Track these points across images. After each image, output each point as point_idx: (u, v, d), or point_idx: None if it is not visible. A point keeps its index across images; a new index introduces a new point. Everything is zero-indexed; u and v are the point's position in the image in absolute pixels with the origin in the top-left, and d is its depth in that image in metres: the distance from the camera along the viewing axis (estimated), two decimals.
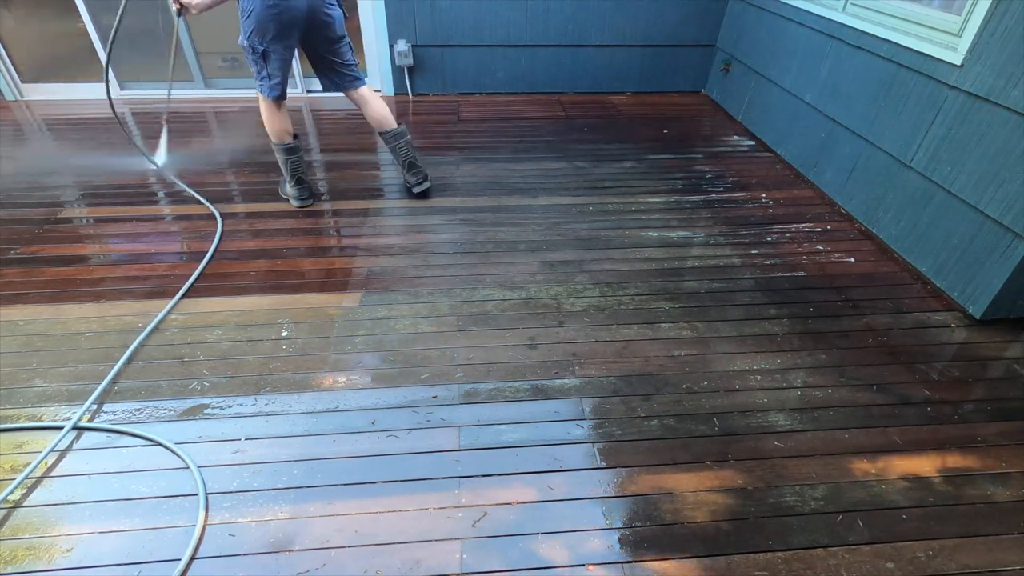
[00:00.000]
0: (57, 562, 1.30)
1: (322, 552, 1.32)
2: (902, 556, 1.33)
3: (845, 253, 2.49)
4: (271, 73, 2.39)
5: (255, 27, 2.26)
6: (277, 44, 2.32)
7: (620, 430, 1.64)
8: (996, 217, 1.96)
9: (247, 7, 2.22)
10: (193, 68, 4.12)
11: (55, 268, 2.29)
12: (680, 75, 4.45)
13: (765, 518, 1.41)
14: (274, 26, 2.26)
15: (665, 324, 2.05)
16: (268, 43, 2.30)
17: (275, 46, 2.32)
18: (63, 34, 3.95)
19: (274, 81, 2.42)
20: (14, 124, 3.69)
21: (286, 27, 2.29)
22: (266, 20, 2.24)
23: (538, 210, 2.80)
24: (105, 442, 1.58)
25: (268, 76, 2.40)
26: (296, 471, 1.51)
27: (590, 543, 1.35)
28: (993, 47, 1.97)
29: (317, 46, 2.48)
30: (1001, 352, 1.95)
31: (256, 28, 2.26)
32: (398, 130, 2.72)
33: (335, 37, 2.47)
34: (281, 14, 2.24)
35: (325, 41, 2.46)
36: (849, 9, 2.75)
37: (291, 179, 2.71)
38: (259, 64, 2.37)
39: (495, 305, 2.13)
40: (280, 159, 2.67)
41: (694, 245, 2.54)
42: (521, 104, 4.24)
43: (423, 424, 1.65)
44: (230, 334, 1.96)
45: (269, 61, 2.35)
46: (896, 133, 2.44)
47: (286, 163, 2.67)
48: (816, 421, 1.68)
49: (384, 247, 2.48)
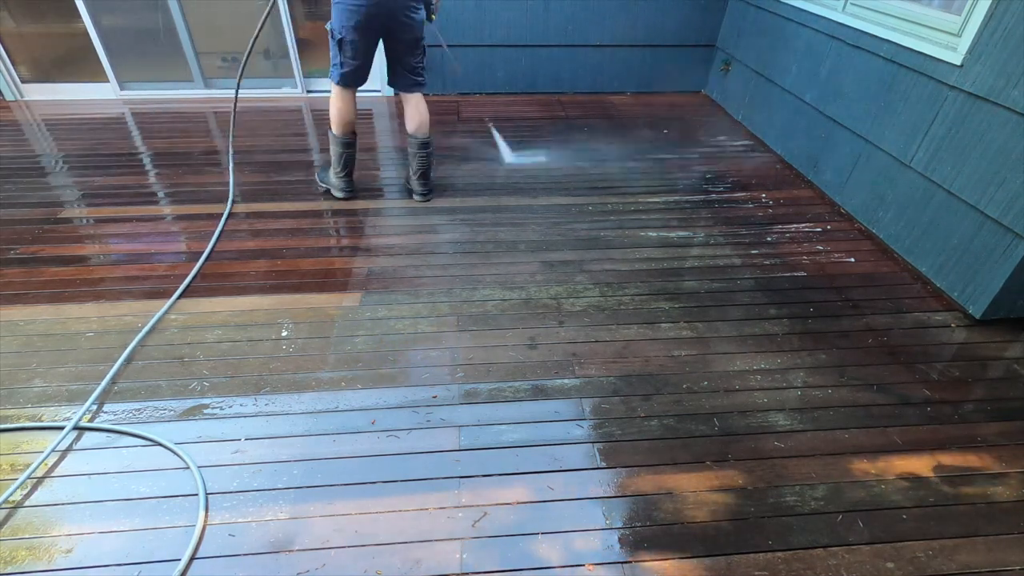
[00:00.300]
0: (57, 562, 1.30)
1: (322, 552, 1.32)
2: (902, 556, 1.33)
3: (845, 253, 2.49)
4: (344, 61, 2.49)
5: (339, 15, 2.38)
6: (356, 36, 2.42)
7: (620, 430, 1.64)
8: (996, 217, 1.96)
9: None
10: (193, 68, 4.12)
11: (55, 268, 2.29)
12: (680, 75, 4.45)
13: (765, 518, 1.41)
14: (356, 19, 2.37)
15: (665, 324, 2.05)
16: (348, 33, 2.41)
17: (354, 37, 2.42)
18: (63, 34, 3.95)
19: (345, 69, 2.51)
20: (14, 124, 3.69)
21: (367, 22, 2.39)
22: (350, 12, 2.35)
23: (538, 210, 2.80)
24: (105, 442, 1.58)
25: (340, 63, 2.50)
26: (296, 471, 1.51)
27: (590, 543, 1.35)
28: (993, 47, 1.97)
29: (396, 45, 2.56)
30: (1001, 352, 1.95)
31: (340, 16, 2.38)
32: (430, 139, 2.77)
33: (413, 39, 2.54)
34: (363, 8, 2.34)
35: (403, 42, 2.54)
36: (849, 9, 2.75)
37: (342, 171, 2.79)
38: (335, 49, 2.48)
39: (495, 305, 2.13)
40: (335, 150, 2.73)
41: (694, 245, 2.54)
42: (521, 104, 4.24)
43: (423, 424, 1.65)
44: (230, 334, 1.96)
45: (344, 49, 2.46)
46: (896, 133, 2.44)
47: (340, 156, 2.74)
48: (816, 421, 1.68)
49: (384, 247, 2.48)
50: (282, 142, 3.50)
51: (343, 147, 2.73)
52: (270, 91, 4.27)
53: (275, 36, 4.05)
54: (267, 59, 4.20)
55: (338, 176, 2.81)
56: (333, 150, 2.75)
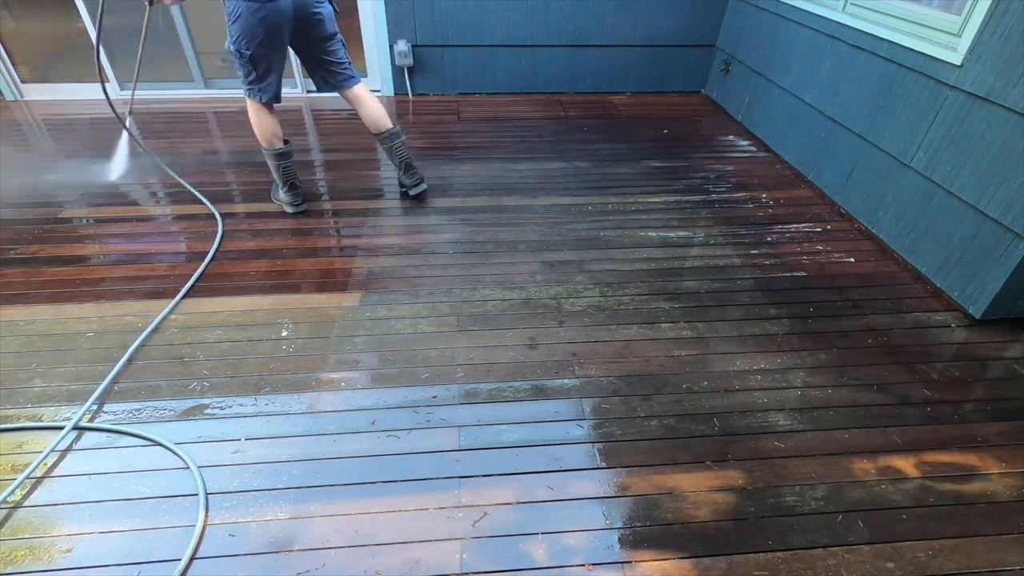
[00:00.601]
0: (57, 562, 1.30)
1: (322, 552, 1.32)
2: (902, 556, 1.34)
3: (845, 253, 2.49)
4: (261, 76, 2.32)
5: (242, 31, 2.18)
6: (266, 47, 2.25)
7: (620, 430, 1.64)
8: (996, 217, 1.96)
9: (233, 11, 2.15)
10: (193, 68, 4.12)
11: (55, 268, 2.29)
12: (680, 75, 4.45)
13: (765, 518, 1.41)
14: (262, 29, 2.18)
15: (665, 324, 2.05)
16: (256, 47, 2.22)
17: (264, 50, 2.25)
18: (63, 34, 3.95)
19: (265, 83, 2.35)
20: (14, 124, 3.69)
21: (274, 29, 2.21)
22: (253, 23, 2.16)
23: (538, 210, 2.80)
24: (105, 442, 1.58)
25: (258, 79, 2.33)
26: (296, 471, 1.51)
27: (590, 543, 1.35)
28: (993, 47, 1.97)
29: (308, 45, 2.41)
30: (1001, 352, 1.95)
31: (243, 32, 2.18)
32: (394, 130, 2.66)
33: (326, 35, 2.40)
34: (267, 16, 2.16)
35: (316, 40, 2.39)
36: (849, 9, 2.75)
37: (284, 185, 2.63)
38: (247, 68, 2.29)
39: (495, 305, 2.13)
40: (271, 164, 2.58)
41: (694, 245, 2.54)
42: (521, 104, 4.24)
43: (423, 424, 1.65)
44: (230, 334, 1.96)
45: (258, 65, 2.28)
46: (896, 133, 2.44)
47: (278, 168, 2.58)
48: (816, 421, 1.68)
49: (384, 247, 2.48)
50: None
51: (279, 158, 2.55)
52: None
53: None
54: None
55: (284, 191, 2.64)
56: (270, 165, 2.58)
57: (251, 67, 2.29)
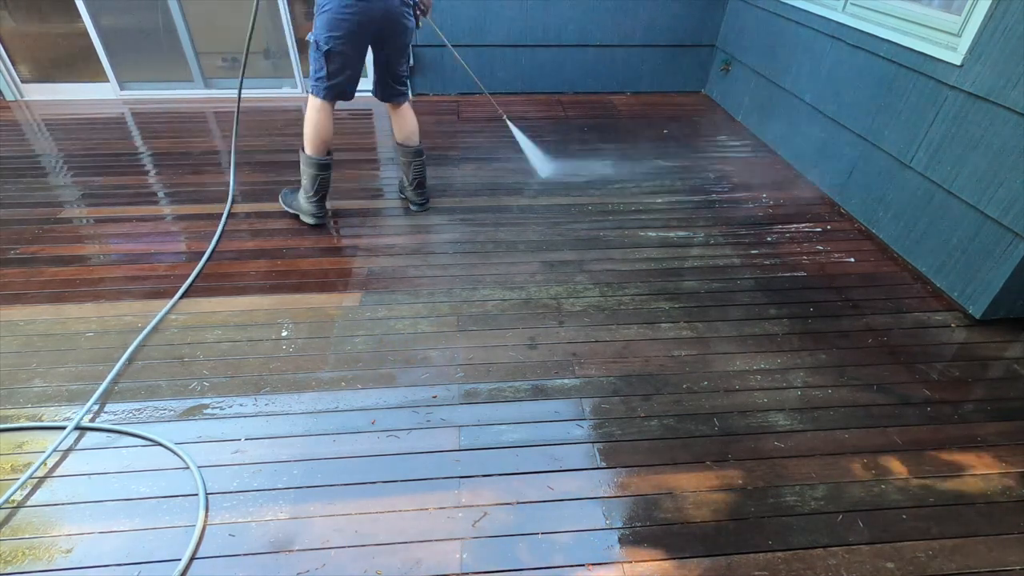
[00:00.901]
0: (57, 562, 1.30)
1: (322, 552, 1.32)
2: (902, 556, 1.33)
3: (845, 253, 2.49)
4: (330, 73, 2.26)
5: (327, 24, 2.14)
6: (346, 46, 2.20)
7: (620, 430, 1.64)
8: (996, 217, 1.96)
9: (324, 2, 2.12)
10: (193, 68, 4.12)
11: (55, 268, 2.28)
12: (680, 75, 4.45)
13: (765, 518, 1.41)
14: (347, 27, 2.15)
15: (665, 324, 2.05)
16: (336, 42, 2.18)
17: (343, 47, 2.20)
18: (63, 34, 3.95)
19: (331, 82, 2.28)
20: (14, 124, 3.69)
21: (360, 29, 2.18)
22: (340, 20, 2.13)
23: (538, 210, 2.80)
24: (105, 442, 1.58)
25: (326, 76, 2.26)
26: (296, 471, 1.51)
27: (590, 543, 1.35)
28: (993, 47, 1.97)
29: (385, 53, 2.37)
30: (1001, 352, 1.95)
31: (327, 26, 2.14)
32: (420, 148, 2.65)
33: (403, 45, 2.37)
34: (356, 15, 2.13)
35: (395, 50, 2.36)
36: (849, 9, 2.75)
37: (315, 195, 2.52)
38: (319, 62, 2.23)
39: (495, 305, 2.13)
40: (308, 172, 2.46)
41: (694, 245, 2.54)
42: (521, 104, 4.24)
43: (423, 424, 1.65)
44: (230, 334, 1.96)
45: (331, 61, 2.22)
46: (896, 133, 2.44)
47: (314, 179, 2.47)
48: (816, 421, 1.68)
49: (384, 247, 2.48)
50: (282, 142, 3.50)
51: (318, 169, 2.45)
52: (270, 91, 4.27)
53: (275, 36, 4.05)
54: (267, 59, 4.20)
55: (309, 200, 2.54)
56: (306, 172, 2.47)
57: (324, 62, 2.22)
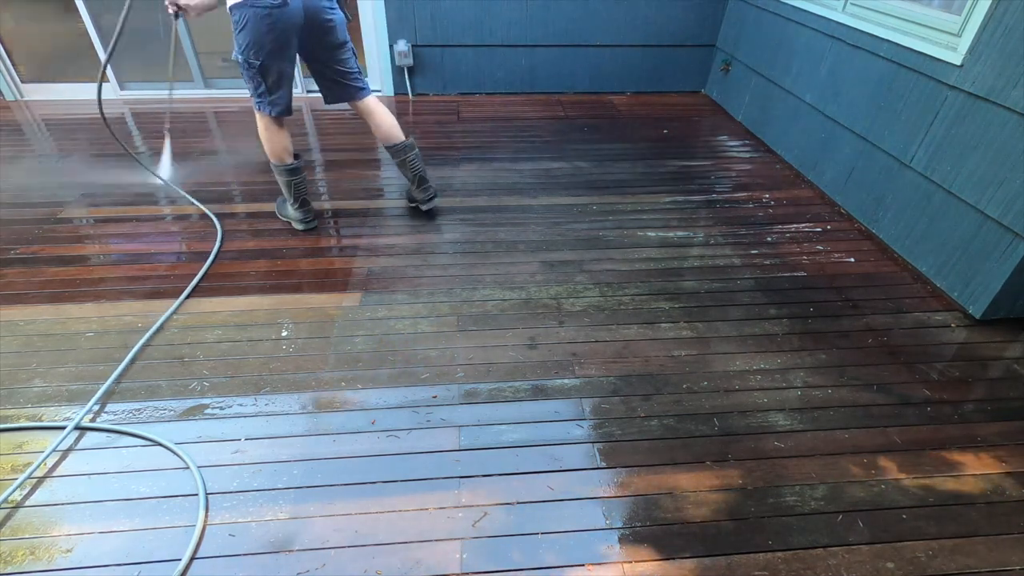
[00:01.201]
0: (57, 562, 1.30)
1: (322, 552, 1.32)
2: (902, 556, 1.33)
3: (845, 253, 2.49)
4: (271, 88, 2.20)
5: (250, 40, 2.06)
6: (275, 56, 2.13)
7: (620, 430, 1.64)
8: (996, 217, 1.96)
9: (240, 19, 2.03)
10: (193, 68, 4.12)
11: (55, 268, 2.29)
12: (680, 75, 4.45)
13: (765, 518, 1.41)
14: (271, 36, 2.06)
15: (665, 324, 2.05)
16: (265, 56, 2.10)
17: (273, 59, 2.13)
18: (63, 34, 3.95)
19: (275, 96, 2.23)
20: (14, 124, 3.69)
21: (284, 36, 2.09)
22: (261, 31, 2.04)
23: (538, 210, 2.80)
24: (105, 442, 1.58)
25: (268, 91, 2.21)
26: (296, 471, 1.51)
27: (590, 543, 1.35)
28: (993, 47, 1.97)
29: (318, 54, 2.28)
30: (1001, 352, 1.95)
31: (251, 41, 2.06)
32: (407, 143, 2.52)
33: (337, 43, 2.27)
34: (276, 22, 2.04)
35: (327, 48, 2.27)
36: (849, 9, 2.75)
37: (295, 201, 2.51)
38: (256, 80, 2.18)
39: (495, 305, 2.13)
40: (282, 180, 2.46)
41: (694, 245, 2.54)
42: (521, 104, 4.24)
43: (423, 424, 1.65)
44: (230, 334, 1.96)
45: (268, 75, 2.16)
46: (896, 133, 2.44)
47: (288, 185, 2.46)
48: (816, 421, 1.68)
49: (384, 247, 2.48)
50: None
51: (290, 175, 2.43)
52: None
53: None
54: None
55: (294, 207, 2.53)
56: (280, 181, 2.46)
57: (260, 78, 2.17)
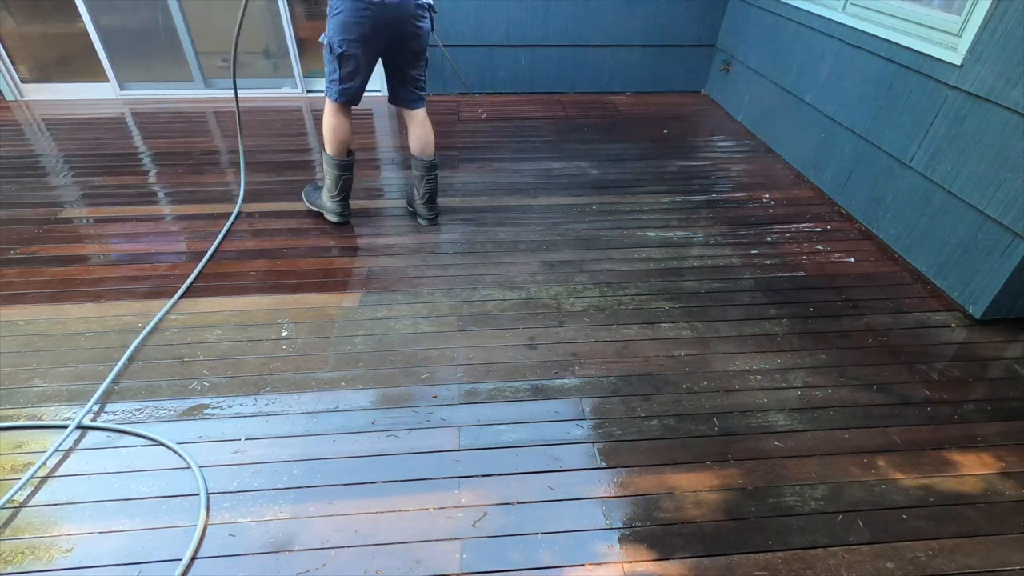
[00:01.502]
0: (57, 562, 1.30)
1: (322, 552, 1.32)
2: (902, 556, 1.34)
3: (845, 253, 2.49)
4: (343, 76, 2.27)
5: (340, 27, 2.14)
6: (358, 49, 2.20)
7: (620, 430, 1.64)
8: (996, 217, 1.96)
9: (336, 5, 2.12)
10: (193, 68, 4.12)
11: (55, 268, 2.29)
12: (680, 75, 4.45)
13: (765, 518, 1.41)
14: (360, 30, 2.14)
15: (665, 324, 2.05)
16: (349, 46, 2.18)
17: (356, 50, 2.20)
18: (63, 34, 3.95)
19: (344, 86, 2.29)
20: (14, 124, 3.69)
21: (372, 32, 2.17)
22: (353, 22, 2.12)
23: (538, 210, 2.80)
24: (106, 442, 1.58)
25: (339, 79, 2.28)
26: (296, 471, 1.51)
27: (590, 543, 1.35)
28: (993, 47, 1.97)
29: (397, 57, 2.35)
30: (1001, 352, 1.95)
31: (341, 28, 2.14)
32: (435, 161, 2.60)
33: (418, 50, 2.35)
34: (370, 18, 2.12)
35: (407, 53, 2.33)
36: (849, 9, 2.76)
37: (339, 195, 2.57)
38: (332, 65, 2.25)
39: (495, 305, 2.13)
40: (331, 173, 2.51)
41: (694, 245, 2.54)
42: (521, 104, 4.24)
43: (423, 424, 1.65)
44: (230, 334, 1.96)
45: (344, 64, 2.23)
46: (896, 133, 2.44)
47: (337, 179, 2.52)
48: (816, 421, 1.68)
49: (384, 247, 2.48)
50: (282, 142, 3.50)
51: (340, 170, 2.50)
52: (270, 91, 4.27)
53: (275, 36, 4.05)
54: (267, 59, 4.20)
55: (333, 199, 2.59)
56: (329, 172, 2.52)
57: (337, 64, 2.24)
